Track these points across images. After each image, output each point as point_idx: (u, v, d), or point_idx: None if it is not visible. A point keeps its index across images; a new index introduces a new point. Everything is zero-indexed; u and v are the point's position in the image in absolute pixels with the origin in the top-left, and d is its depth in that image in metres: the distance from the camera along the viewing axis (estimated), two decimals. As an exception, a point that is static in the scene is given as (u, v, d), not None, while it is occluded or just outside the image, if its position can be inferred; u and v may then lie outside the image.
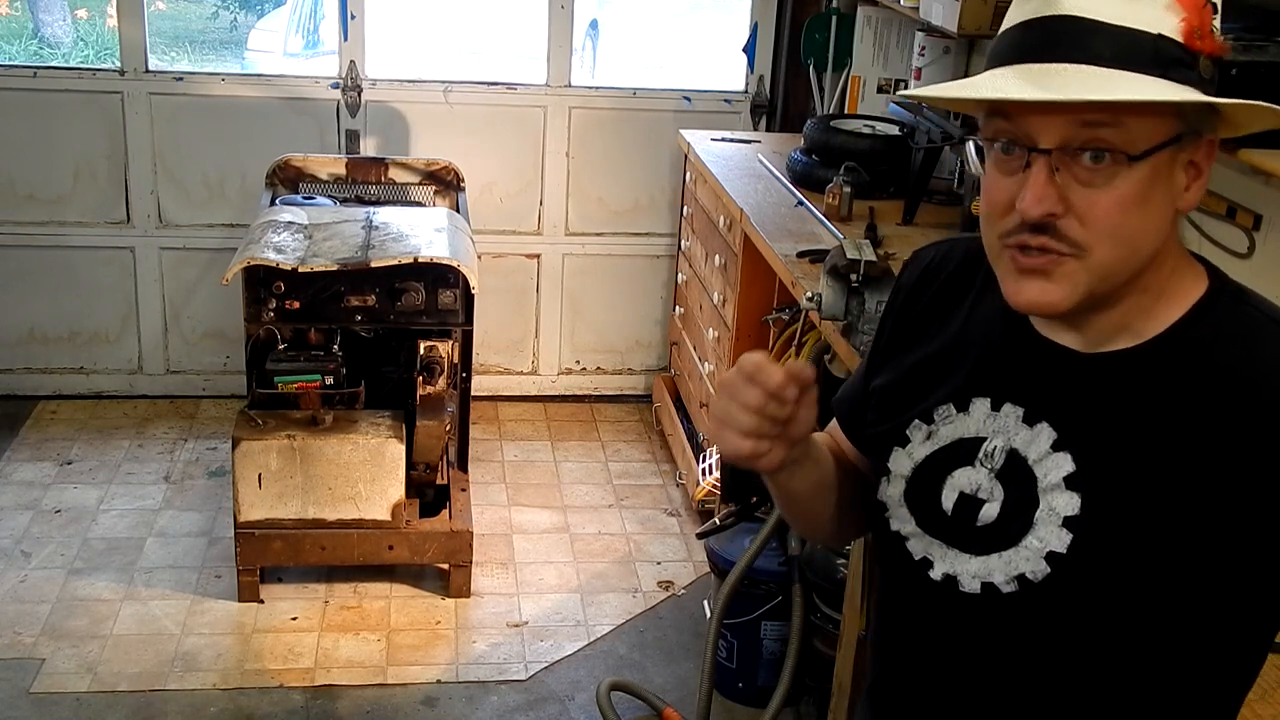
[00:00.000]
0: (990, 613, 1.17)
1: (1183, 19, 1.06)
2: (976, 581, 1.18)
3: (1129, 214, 1.07)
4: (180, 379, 4.52)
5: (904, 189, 3.38)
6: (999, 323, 1.21)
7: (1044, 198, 1.06)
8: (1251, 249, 2.30)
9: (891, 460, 1.26)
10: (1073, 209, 1.07)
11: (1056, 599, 1.14)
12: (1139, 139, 1.05)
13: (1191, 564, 1.10)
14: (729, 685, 2.98)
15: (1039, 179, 1.07)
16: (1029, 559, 1.15)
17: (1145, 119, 1.05)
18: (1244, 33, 2.12)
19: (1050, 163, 1.06)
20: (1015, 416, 1.18)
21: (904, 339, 1.31)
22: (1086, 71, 1.04)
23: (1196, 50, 1.07)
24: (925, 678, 1.27)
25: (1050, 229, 1.08)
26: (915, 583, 1.23)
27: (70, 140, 4.23)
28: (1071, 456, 1.14)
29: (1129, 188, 1.06)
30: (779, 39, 4.46)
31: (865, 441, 1.34)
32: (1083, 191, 1.07)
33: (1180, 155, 1.09)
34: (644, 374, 4.74)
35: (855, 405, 1.37)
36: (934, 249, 1.34)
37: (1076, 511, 1.13)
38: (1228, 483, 1.09)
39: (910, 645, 1.29)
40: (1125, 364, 1.14)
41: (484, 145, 4.39)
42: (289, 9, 6.85)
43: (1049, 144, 1.06)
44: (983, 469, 1.19)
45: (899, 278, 1.36)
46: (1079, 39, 1.05)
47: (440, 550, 3.40)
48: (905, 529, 1.24)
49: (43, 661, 3.11)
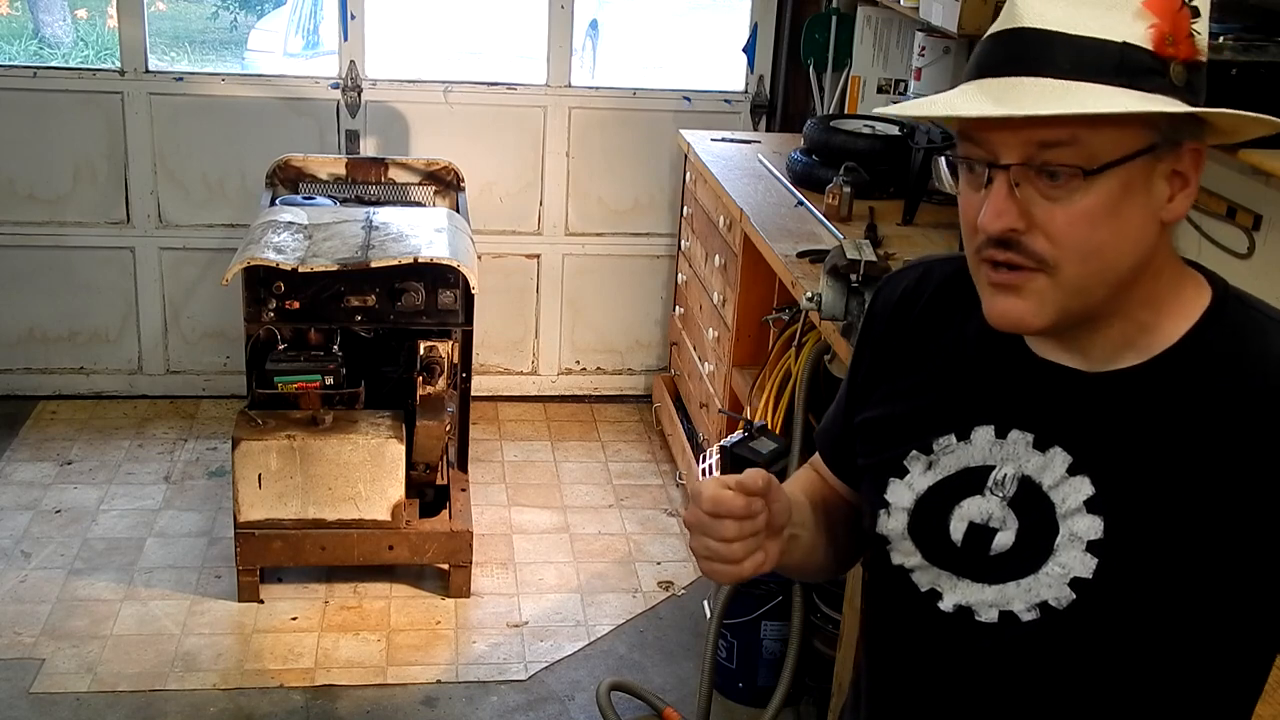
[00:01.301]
0: (1008, 641, 1.16)
1: (1152, 25, 1.04)
2: (994, 610, 1.16)
3: (1096, 228, 1.05)
4: (180, 379, 4.52)
5: (904, 189, 3.37)
6: (993, 347, 1.19)
7: (1003, 212, 1.05)
8: (1251, 249, 2.30)
9: (890, 493, 1.23)
10: (1036, 224, 1.06)
11: (1080, 625, 1.12)
12: (1099, 152, 1.03)
13: (1214, 578, 1.09)
14: (729, 685, 2.98)
15: (998, 194, 1.06)
16: (1051, 585, 1.13)
17: (1105, 131, 1.03)
18: (1244, 33, 2.11)
19: (1009, 178, 1.05)
20: (1025, 443, 1.16)
21: (888, 368, 1.28)
22: (1045, 84, 1.02)
23: (1168, 57, 1.04)
24: (930, 711, 1.25)
25: (1014, 244, 1.06)
26: (922, 615, 1.21)
27: (70, 140, 4.23)
28: (1090, 479, 1.12)
29: (1093, 201, 1.04)
30: (779, 39, 4.46)
31: (853, 474, 1.32)
32: (1046, 206, 1.05)
33: (1159, 165, 1.06)
34: (644, 374, 4.74)
35: (837, 438, 1.35)
36: (908, 273, 1.31)
37: (1100, 535, 1.11)
38: (1248, 493, 1.07)
39: (913, 678, 1.26)
40: (1136, 381, 1.12)
41: (484, 145, 4.39)
42: (289, 9, 6.85)
43: (1009, 159, 1.05)
44: (994, 497, 1.17)
45: (872, 305, 1.33)
46: (1040, 51, 1.04)
47: (440, 550, 3.40)
48: (910, 562, 1.22)
49: (43, 661, 3.11)
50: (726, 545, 1.13)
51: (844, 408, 1.34)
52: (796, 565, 1.30)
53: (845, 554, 1.36)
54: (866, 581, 1.34)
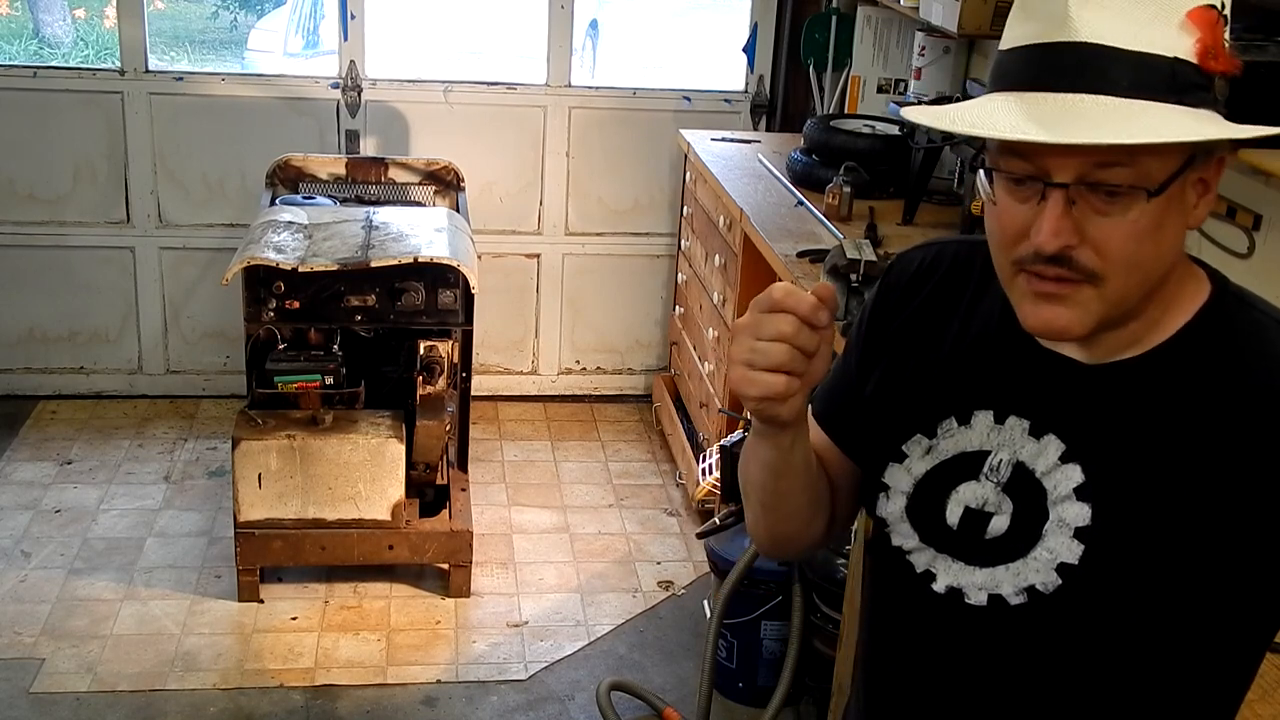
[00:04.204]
0: (997, 624, 1.17)
1: (1197, 40, 1.03)
2: (983, 594, 1.17)
3: (1144, 243, 1.05)
4: (180, 379, 4.52)
5: (904, 189, 3.38)
6: (998, 333, 1.19)
7: (1060, 231, 1.04)
8: (1251, 249, 2.30)
9: (888, 475, 1.24)
10: (1088, 239, 1.05)
11: (1067, 610, 1.13)
12: (1155, 172, 1.03)
13: (1200, 570, 1.10)
14: (729, 685, 2.98)
15: (1054, 213, 1.04)
16: (1039, 570, 1.14)
17: (1157, 149, 1.02)
18: (1244, 33, 2.11)
19: (1067, 196, 1.04)
20: (1021, 429, 1.17)
21: (895, 343, 1.27)
22: (1102, 103, 1.01)
23: (1211, 72, 1.04)
24: (924, 692, 1.26)
25: (1066, 260, 1.05)
26: (917, 596, 1.22)
27: (70, 140, 4.23)
28: (1081, 468, 1.13)
29: (1146, 218, 1.04)
30: (779, 39, 4.46)
31: (849, 436, 1.30)
32: (1100, 222, 1.04)
33: (1191, 175, 1.06)
34: (644, 374, 4.74)
35: (838, 404, 1.32)
36: (922, 251, 1.31)
37: (1087, 522, 1.12)
38: (1238, 487, 1.08)
39: (908, 660, 1.27)
40: (1132, 373, 1.13)
41: (484, 145, 4.39)
42: (289, 9, 6.85)
43: (1065, 179, 1.03)
44: (989, 482, 1.18)
45: (886, 276, 1.32)
46: (1094, 67, 1.01)
47: (440, 550, 3.40)
48: (907, 544, 1.22)
49: (43, 661, 3.11)
50: (775, 346, 1.07)
51: (854, 376, 1.31)
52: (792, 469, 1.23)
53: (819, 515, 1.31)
54: (868, 564, 1.33)
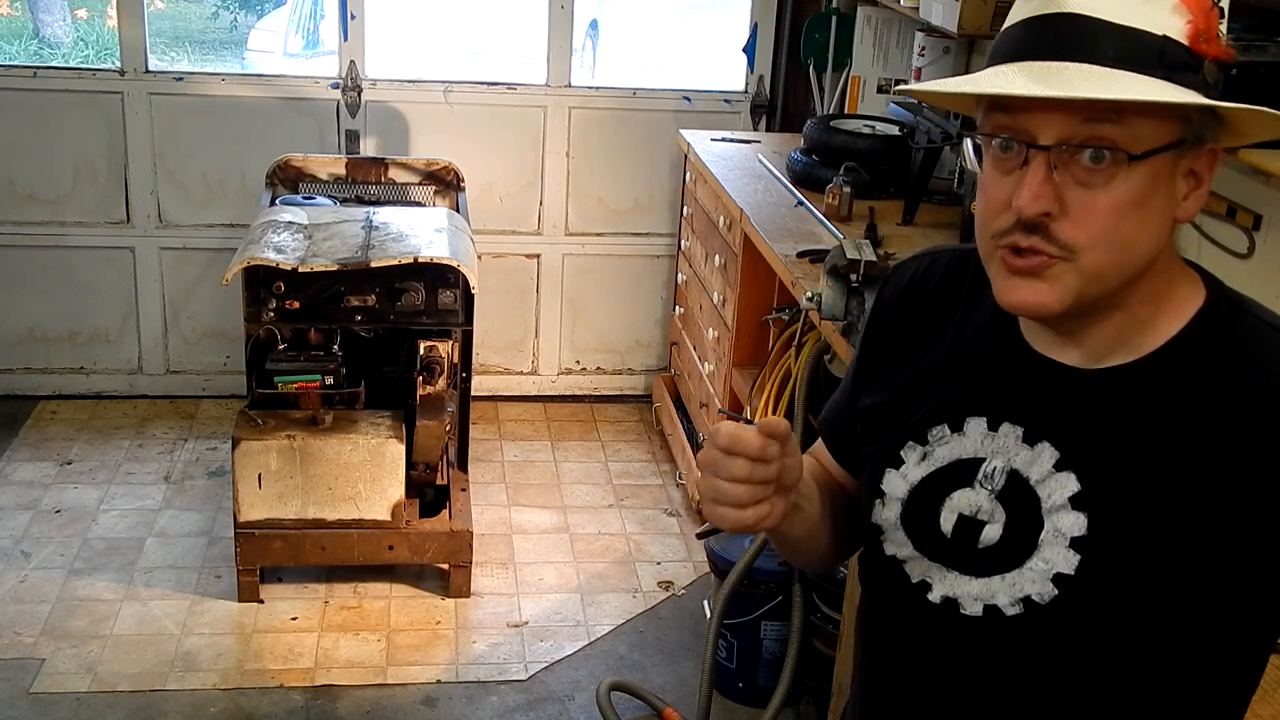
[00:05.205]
0: (992, 635, 1.16)
1: (1189, 21, 1.05)
2: (979, 604, 1.16)
3: (1125, 218, 1.05)
4: (180, 379, 4.52)
5: (904, 189, 3.38)
6: (991, 339, 1.19)
7: (1040, 195, 1.05)
8: (1251, 249, 2.30)
9: (885, 482, 1.23)
10: (1067, 210, 1.06)
11: (1063, 620, 1.12)
12: (1142, 138, 1.04)
13: (1199, 580, 1.09)
14: (729, 685, 2.98)
15: (1036, 176, 1.05)
16: (1035, 581, 1.13)
17: (1148, 120, 1.04)
18: (1244, 33, 2.11)
19: (1049, 160, 1.05)
20: (1015, 436, 1.16)
21: (891, 356, 1.28)
22: (1090, 71, 1.03)
23: (1201, 54, 1.05)
24: (921, 702, 1.25)
25: (1042, 229, 1.06)
26: (912, 606, 1.21)
27: (70, 140, 4.23)
28: (1076, 476, 1.12)
29: (1127, 189, 1.05)
30: (779, 39, 4.46)
31: (855, 460, 1.32)
32: (1079, 192, 1.05)
33: (1181, 162, 1.07)
34: (644, 374, 4.74)
35: (841, 425, 1.34)
36: (915, 262, 1.31)
37: (1084, 532, 1.11)
38: (1236, 495, 1.07)
39: (904, 669, 1.27)
40: (1126, 379, 1.12)
41: (484, 145, 4.39)
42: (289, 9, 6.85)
43: (1048, 140, 1.05)
44: (983, 490, 1.17)
45: (880, 292, 1.33)
46: (1084, 38, 1.04)
47: (440, 550, 3.40)
48: (902, 552, 1.22)
49: (43, 661, 3.11)
50: (735, 486, 1.10)
51: (849, 394, 1.34)
52: (796, 540, 1.28)
53: (843, 543, 1.36)
54: (861, 572, 1.33)
